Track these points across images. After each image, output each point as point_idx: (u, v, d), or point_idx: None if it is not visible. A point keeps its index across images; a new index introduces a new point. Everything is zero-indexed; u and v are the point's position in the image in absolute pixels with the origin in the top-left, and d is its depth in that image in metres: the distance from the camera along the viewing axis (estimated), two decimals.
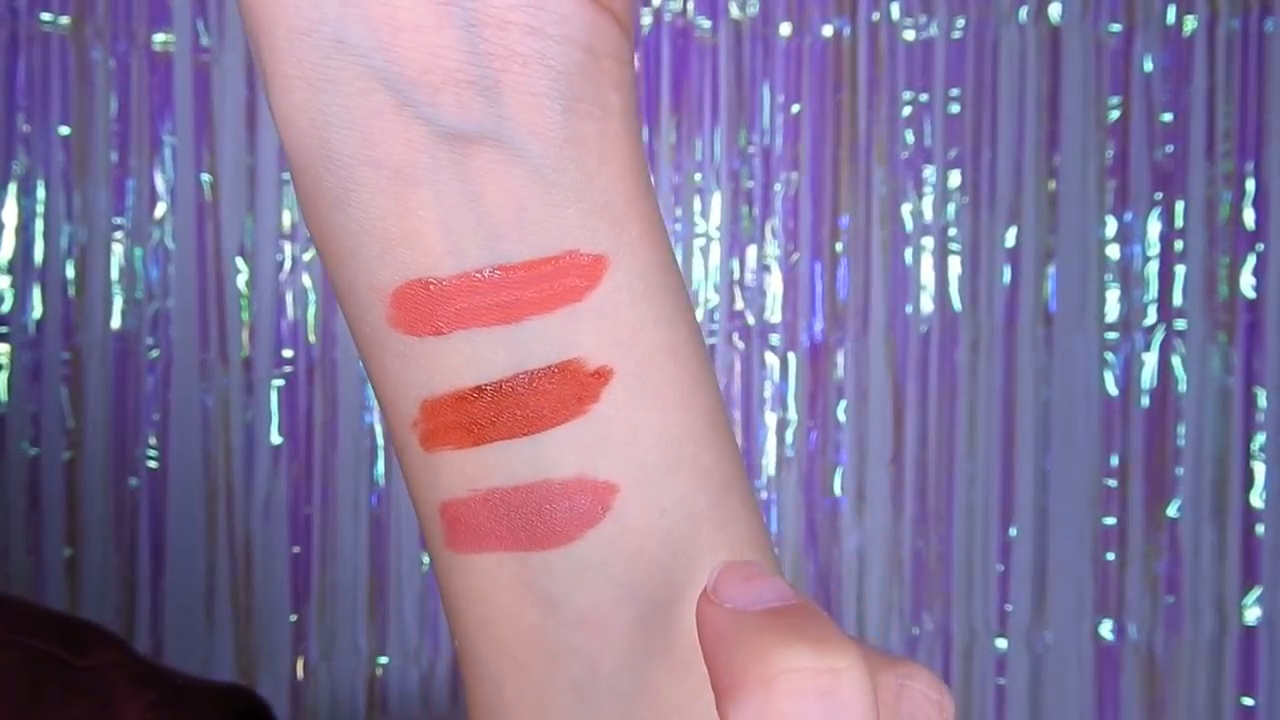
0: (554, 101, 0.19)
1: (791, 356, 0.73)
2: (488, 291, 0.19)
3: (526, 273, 0.19)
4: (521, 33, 0.18)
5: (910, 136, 0.73)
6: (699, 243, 0.72)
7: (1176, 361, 0.75)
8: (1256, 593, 0.75)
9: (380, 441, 0.71)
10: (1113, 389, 0.75)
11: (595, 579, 0.20)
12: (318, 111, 0.19)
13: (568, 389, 0.19)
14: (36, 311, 0.68)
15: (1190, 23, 0.74)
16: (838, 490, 0.74)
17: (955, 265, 0.74)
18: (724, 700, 0.16)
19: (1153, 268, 0.75)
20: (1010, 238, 0.74)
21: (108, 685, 0.34)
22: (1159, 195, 0.74)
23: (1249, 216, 0.75)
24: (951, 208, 0.74)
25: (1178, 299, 0.75)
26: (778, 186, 0.73)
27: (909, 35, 0.73)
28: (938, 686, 0.20)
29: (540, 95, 0.19)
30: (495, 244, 0.19)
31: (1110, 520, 0.75)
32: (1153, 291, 0.75)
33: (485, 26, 0.18)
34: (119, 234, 0.68)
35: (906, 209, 0.73)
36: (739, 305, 0.73)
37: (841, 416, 0.73)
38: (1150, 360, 0.75)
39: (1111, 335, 0.74)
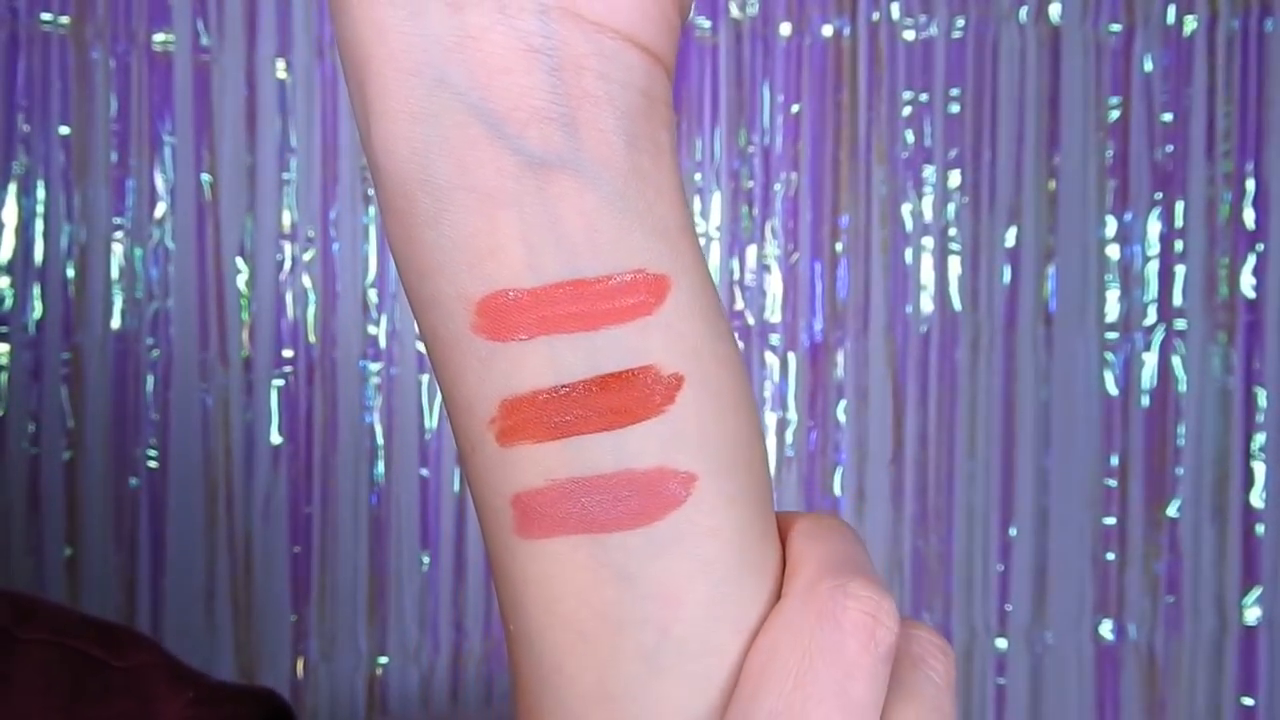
0: (619, 137, 0.21)
1: (791, 356, 0.73)
2: (565, 302, 0.21)
3: (601, 287, 0.21)
4: (594, 77, 0.21)
5: (910, 136, 0.73)
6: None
7: (1176, 361, 0.75)
8: (1256, 593, 0.75)
9: (380, 441, 0.71)
10: (1113, 389, 0.75)
11: (673, 554, 0.22)
12: (419, 141, 0.21)
13: (645, 391, 0.21)
14: (36, 311, 0.68)
15: (1190, 23, 0.74)
16: (838, 490, 0.74)
17: (955, 265, 0.74)
18: (797, 592, 0.22)
19: (1153, 268, 0.75)
20: (1010, 238, 0.74)
21: (147, 684, 0.36)
22: (1159, 195, 0.74)
23: (1249, 216, 0.75)
24: (951, 208, 0.74)
25: (1178, 299, 0.75)
26: (778, 186, 0.73)
27: (909, 35, 0.73)
28: (940, 636, 0.23)
29: (608, 131, 0.21)
30: (571, 260, 0.21)
31: (1110, 520, 0.75)
32: (1153, 291, 0.75)
33: (565, 71, 0.21)
34: (119, 234, 0.68)
35: (906, 209, 0.73)
36: (739, 305, 0.73)
37: (841, 416, 0.73)
38: (1150, 360, 0.75)
39: (1111, 335, 0.74)
